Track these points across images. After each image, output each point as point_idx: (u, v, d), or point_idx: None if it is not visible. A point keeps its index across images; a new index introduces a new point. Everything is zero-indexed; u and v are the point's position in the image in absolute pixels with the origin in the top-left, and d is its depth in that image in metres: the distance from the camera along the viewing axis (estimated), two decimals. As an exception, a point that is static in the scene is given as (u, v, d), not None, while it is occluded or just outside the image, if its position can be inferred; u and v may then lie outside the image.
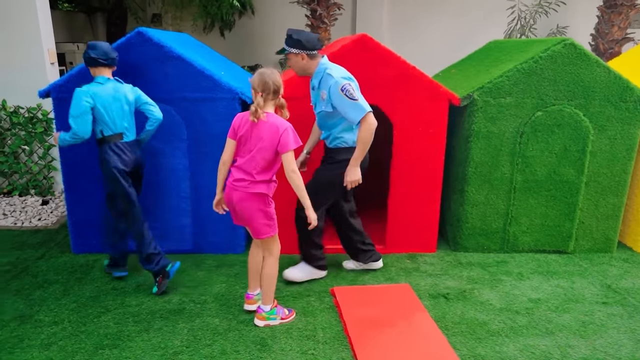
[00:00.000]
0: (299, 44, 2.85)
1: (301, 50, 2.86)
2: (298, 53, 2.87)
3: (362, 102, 2.81)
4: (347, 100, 2.79)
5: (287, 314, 2.80)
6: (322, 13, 7.21)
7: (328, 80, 2.86)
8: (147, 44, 3.26)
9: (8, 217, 4.32)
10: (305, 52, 2.87)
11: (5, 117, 4.75)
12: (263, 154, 2.51)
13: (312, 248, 3.20)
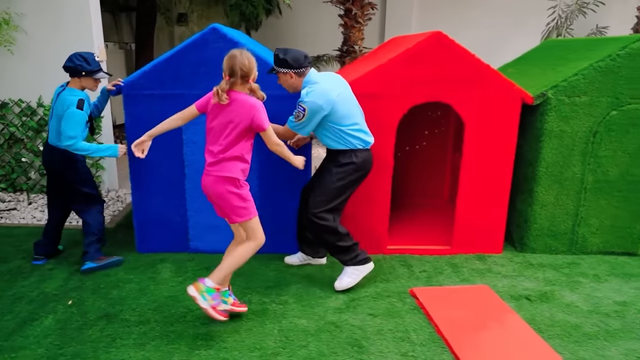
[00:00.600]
0: (285, 64, 2.89)
1: (288, 69, 2.89)
2: (286, 72, 2.91)
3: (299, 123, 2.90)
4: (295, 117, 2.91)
5: (219, 309, 2.49)
6: (357, 12, 7.17)
7: (300, 97, 2.91)
8: (222, 40, 3.21)
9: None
10: (292, 70, 2.89)
11: (54, 115, 4.70)
12: (234, 134, 2.48)
13: (345, 250, 3.06)
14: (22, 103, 4.66)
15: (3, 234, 3.81)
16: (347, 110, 2.94)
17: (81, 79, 3.09)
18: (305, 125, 2.92)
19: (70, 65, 3.05)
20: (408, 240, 3.81)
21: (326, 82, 2.91)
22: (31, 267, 3.28)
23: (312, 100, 2.84)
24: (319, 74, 2.99)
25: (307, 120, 2.89)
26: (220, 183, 2.52)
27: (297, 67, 2.89)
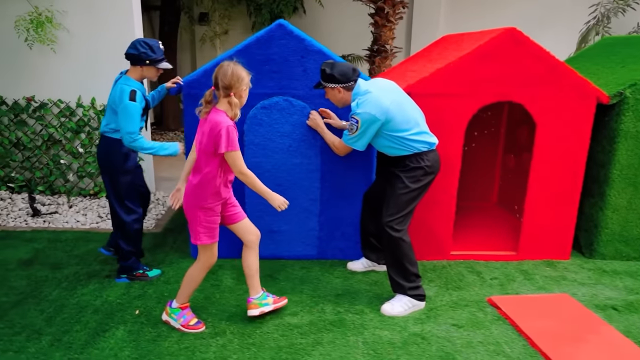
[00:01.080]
0: (333, 79, 2.75)
1: (336, 84, 2.76)
2: (334, 87, 2.77)
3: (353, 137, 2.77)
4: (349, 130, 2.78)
5: (191, 324, 2.56)
6: (389, 11, 7.02)
7: (352, 109, 2.76)
8: (288, 37, 3.07)
9: (106, 220, 4.13)
10: (340, 85, 2.76)
11: (94, 115, 4.57)
12: (203, 155, 2.37)
13: (409, 276, 2.82)
14: (61, 103, 4.53)
15: (51, 239, 3.67)
16: (404, 115, 2.75)
17: (143, 67, 2.86)
18: (360, 138, 2.76)
19: (134, 53, 2.82)
20: (472, 246, 3.66)
21: (377, 90, 2.73)
22: (88, 274, 3.14)
23: (364, 111, 2.68)
24: (368, 82, 2.83)
25: (361, 133, 2.73)
26: (190, 198, 2.43)
27: (345, 81, 2.74)
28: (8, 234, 3.73)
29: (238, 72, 2.33)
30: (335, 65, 2.75)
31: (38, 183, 4.65)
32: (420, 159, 2.79)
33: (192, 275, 2.57)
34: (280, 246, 3.46)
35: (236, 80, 2.32)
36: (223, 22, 9.27)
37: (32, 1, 4.22)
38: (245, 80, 2.37)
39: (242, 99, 2.40)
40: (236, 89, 2.34)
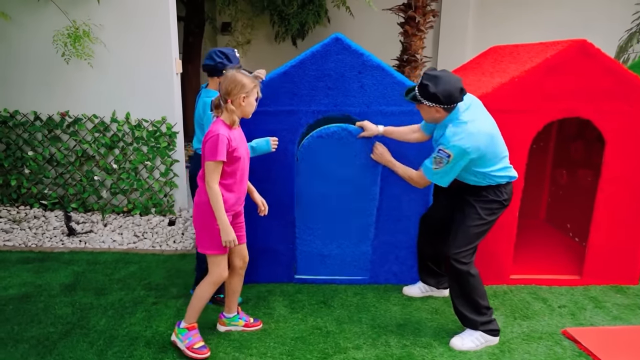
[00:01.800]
0: (435, 99, 2.38)
1: (436, 104, 2.41)
2: (432, 106, 2.42)
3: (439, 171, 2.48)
4: (432, 160, 2.49)
5: (195, 347, 2.43)
6: (419, 20, 6.87)
7: (443, 134, 2.47)
8: (346, 51, 2.92)
9: (143, 240, 3.99)
10: (441, 106, 2.42)
11: (128, 131, 4.45)
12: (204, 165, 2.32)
13: (480, 309, 2.60)
14: (96, 118, 4.42)
15: (90, 261, 3.53)
16: (495, 150, 2.50)
17: (221, 78, 2.68)
18: (447, 174, 2.47)
19: (210, 63, 2.70)
20: (532, 269, 3.46)
21: (477, 122, 2.44)
22: (133, 301, 2.98)
23: (459, 144, 2.37)
24: (468, 109, 2.48)
25: (449, 168, 2.43)
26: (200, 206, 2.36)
27: (448, 103, 2.40)
28: (46, 256, 3.60)
29: (236, 78, 2.26)
30: (440, 80, 2.37)
31: (71, 200, 4.53)
32: (499, 191, 2.59)
33: (200, 292, 2.45)
34: (330, 270, 3.28)
35: (233, 86, 2.25)
36: (246, 31, 9.18)
37: (70, 15, 4.12)
38: (247, 87, 2.27)
39: (242, 107, 2.31)
40: (234, 96, 2.26)
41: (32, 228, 4.10)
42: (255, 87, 2.32)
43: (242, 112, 2.33)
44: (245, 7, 8.76)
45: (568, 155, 4.15)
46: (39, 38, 4.21)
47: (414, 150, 2.99)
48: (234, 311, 2.71)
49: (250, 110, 2.36)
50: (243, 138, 2.43)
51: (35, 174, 4.46)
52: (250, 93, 2.30)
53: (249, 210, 2.66)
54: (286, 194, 3.12)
